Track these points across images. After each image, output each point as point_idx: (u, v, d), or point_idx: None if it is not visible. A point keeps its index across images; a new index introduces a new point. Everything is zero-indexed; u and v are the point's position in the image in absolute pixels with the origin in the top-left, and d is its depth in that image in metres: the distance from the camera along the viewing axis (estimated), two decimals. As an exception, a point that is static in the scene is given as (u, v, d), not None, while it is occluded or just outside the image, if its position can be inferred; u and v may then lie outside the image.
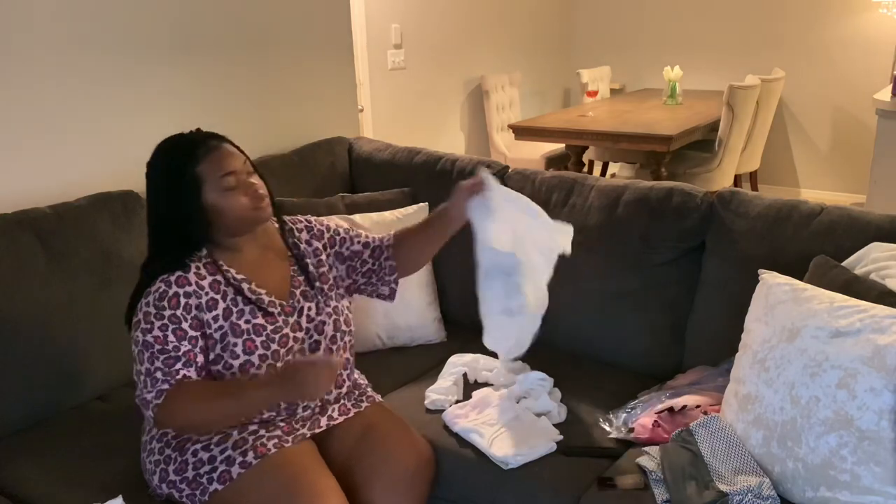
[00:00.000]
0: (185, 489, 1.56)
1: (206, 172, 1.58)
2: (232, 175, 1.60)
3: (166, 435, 1.62)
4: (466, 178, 2.43)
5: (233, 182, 1.59)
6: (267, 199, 1.65)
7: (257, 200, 1.62)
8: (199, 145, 1.60)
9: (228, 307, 1.61)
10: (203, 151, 1.59)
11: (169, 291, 1.56)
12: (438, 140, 4.97)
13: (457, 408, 1.90)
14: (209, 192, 1.59)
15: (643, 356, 2.12)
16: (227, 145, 1.64)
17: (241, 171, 1.62)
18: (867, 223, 1.84)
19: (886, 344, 1.40)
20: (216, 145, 1.61)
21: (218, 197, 1.59)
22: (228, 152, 1.62)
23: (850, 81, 5.19)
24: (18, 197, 2.06)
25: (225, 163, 1.60)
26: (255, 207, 1.62)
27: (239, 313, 1.61)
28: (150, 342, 1.54)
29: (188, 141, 1.62)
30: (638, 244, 2.11)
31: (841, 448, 1.41)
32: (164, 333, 1.54)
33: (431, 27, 4.79)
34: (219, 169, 1.59)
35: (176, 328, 1.55)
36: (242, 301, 1.63)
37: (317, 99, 2.90)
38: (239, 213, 1.61)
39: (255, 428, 1.61)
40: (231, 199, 1.59)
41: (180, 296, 1.57)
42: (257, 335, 1.61)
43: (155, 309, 1.56)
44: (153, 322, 1.55)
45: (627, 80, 6.08)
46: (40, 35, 2.06)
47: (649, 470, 1.62)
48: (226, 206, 1.60)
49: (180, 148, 1.61)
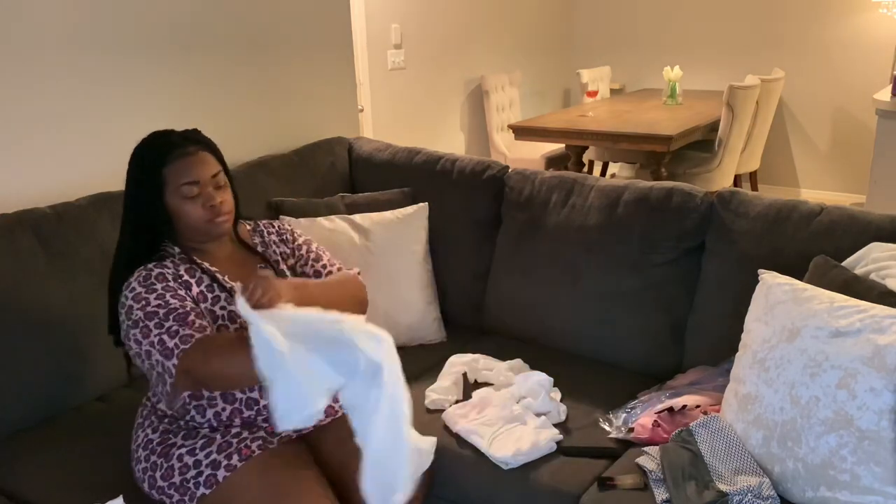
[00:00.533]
0: (175, 495, 1.56)
1: (169, 175, 1.60)
2: (194, 185, 1.60)
3: (151, 442, 1.62)
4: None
5: (193, 191, 1.60)
6: (226, 214, 1.65)
7: (214, 215, 1.62)
8: (175, 147, 1.61)
9: (203, 292, 1.62)
10: (176, 155, 1.60)
11: (153, 273, 1.58)
12: (438, 140, 4.97)
13: (457, 408, 1.90)
14: (169, 195, 1.61)
15: (643, 356, 2.12)
16: (203, 154, 1.64)
17: (207, 182, 1.62)
18: (867, 223, 1.84)
19: (886, 344, 1.40)
20: (190, 151, 1.62)
21: (177, 202, 1.61)
22: (199, 161, 1.62)
23: (850, 81, 5.19)
24: (18, 197, 2.06)
25: (190, 171, 1.60)
26: (208, 220, 1.62)
27: (214, 299, 1.63)
28: (153, 311, 1.52)
29: (166, 141, 1.63)
30: (638, 244, 2.11)
31: (841, 448, 1.41)
32: (164, 300, 1.54)
33: (431, 27, 4.79)
34: (182, 176, 1.60)
35: (173, 294, 1.56)
36: (218, 287, 1.64)
37: (317, 99, 2.90)
38: (193, 224, 1.62)
39: (239, 430, 1.62)
40: (188, 208, 1.61)
41: (165, 273, 1.59)
42: (231, 322, 1.63)
43: (144, 287, 1.56)
44: (147, 297, 1.54)
45: (627, 80, 6.08)
46: (40, 35, 2.06)
47: (649, 470, 1.62)
48: (182, 213, 1.61)
49: (156, 146, 1.63)
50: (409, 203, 2.46)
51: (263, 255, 1.79)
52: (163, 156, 1.60)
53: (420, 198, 2.48)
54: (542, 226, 2.28)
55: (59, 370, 1.93)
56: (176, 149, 1.61)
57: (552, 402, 1.89)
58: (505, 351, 2.18)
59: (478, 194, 2.42)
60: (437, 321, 2.36)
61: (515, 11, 5.54)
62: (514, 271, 2.32)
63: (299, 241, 1.87)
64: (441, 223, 2.45)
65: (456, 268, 2.44)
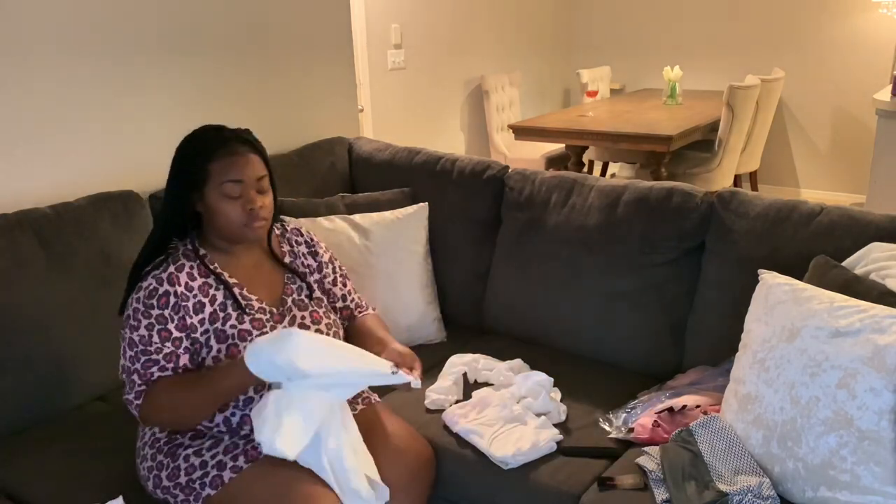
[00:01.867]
0: (179, 495, 1.56)
1: (214, 171, 1.58)
2: (237, 184, 1.59)
3: (158, 441, 1.62)
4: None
5: (234, 191, 1.59)
6: (263, 220, 1.63)
7: (251, 219, 1.61)
8: (223, 144, 1.60)
9: (215, 311, 1.61)
10: (223, 152, 1.59)
11: (159, 289, 1.57)
12: (438, 140, 4.98)
13: (457, 408, 1.90)
14: (210, 191, 1.59)
15: (643, 356, 2.12)
16: (252, 155, 1.62)
17: (251, 184, 1.61)
18: (867, 223, 1.84)
19: (886, 344, 1.40)
20: (238, 150, 1.60)
21: (216, 199, 1.59)
22: (245, 161, 1.60)
23: (850, 81, 5.19)
24: (18, 197, 2.06)
25: (235, 170, 1.59)
26: (245, 224, 1.61)
27: (225, 318, 1.61)
28: (135, 341, 1.56)
29: (217, 136, 1.62)
30: (638, 244, 2.11)
31: (841, 448, 1.41)
32: (150, 333, 1.56)
33: (431, 27, 4.79)
34: (226, 173, 1.58)
35: (161, 329, 1.56)
36: (231, 305, 1.63)
37: (317, 99, 2.90)
38: (228, 224, 1.61)
39: (247, 432, 1.62)
40: (226, 207, 1.59)
41: (170, 295, 1.57)
42: (241, 340, 1.61)
43: (144, 307, 1.56)
44: (140, 320, 1.56)
45: (627, 80, 6.08)
46: (40, 36, 2.06)
47: (649, 470, 1.62)
48: (220, 212, 1.60)
49: (206, 139, 1.61)
50: (409, 203, 2.46)
51: (291, 267, 1.77)
52: (212, 150, 1.59)
53: (420, 198, 2.48)
54: (542, 226, 2.28)
55: (60, 370, 1.93)
56: (226, 145, 1.60)
57: (552, 402, 1.89)
58: (505, 351, 2.18)
59: (478, 194, 2.42)
60: (437, 321, 2.36)
61: (515, 11, 5.54)
62: (514, 271, 2.32)
63: (325, 259, 1.85)
64: (441, 223, 2.45)
65: (456, 268, 2.44)
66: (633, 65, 6.01)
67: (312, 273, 1.82)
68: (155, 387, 1.55)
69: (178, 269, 1.60)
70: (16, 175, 2.07)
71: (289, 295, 1.72)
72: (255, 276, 1.70)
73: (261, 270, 1.72)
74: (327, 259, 1.86)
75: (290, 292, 1.73)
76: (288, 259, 1.79)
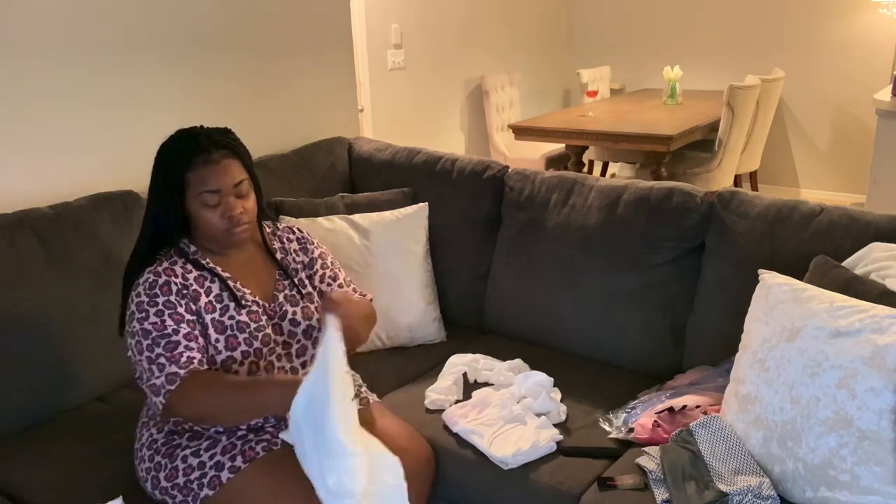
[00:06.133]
0: (178, 495, 1.56)
1: (192, 181, 1.58)
2: (214, 194, 1.59)
3: (156, 442, 1.62)
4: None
5: (212, 200, 1.59)
6: (245, 224, 1.63)
7: (232, 225, 1.61)
8: (200, 153, 1.59)
9: (211, 302, 1.62)
10: (200, 161, 1.58)
11: (159, 280, 1.58)
12: (438, 140, 4.97)
13: (457, 408, 1.90)
14: (190, 199, 1.60)
15: (643, 356, 2.12)
16: (228, 161, 1.60)
17: (228, 191, 1.60)
18: (867, 223, 1.84)
19: (886, 344, 1.40)
20: (214, 158, 1.59)
21: (197, 208, 1.60)
22: (222, 169, 1.59)
23: (850, 81, 5.19)
24: (18, 197, 2.06)
25: (212, 179, 1.58)
26: (226, 230, 1.61)
27: (223, 309, 1.62)
28: (148, 329, 1.54)
29: (193, 143, 1.60)
30: (638, 244, 2.11)
31: (841, 448, 1.41)
32: (161, 319, 1.55)
33: (431, 27, 4.79)
34: (203, 184, 1.58)
35: (172, 312, 1.56)
36: (228, 296, 1.64)
37: (317, 99, 2.90)
38: (211, 230, 1.61)
39: (245, 433, 1.62)
40: (206, 215, 1.60)
41: (171, 283, 1.58)
42: (240, 332, 1.62)
43: (147, 297, 1.56)
44: (147, 310, 1.55)
45: (627, 80, 6.08)
46: (40, 36, 2.06)
47: (649, 470, 1.62)
48: (201, 220, 1.61)
49: (181, 149, 1.60)
50: (409, 203, 2.46)
51: (282, 264, 1.78)
52: (187, 160, 1.58)
53: (420, 198, 2.48)
54: (542, 226, 2.28)
55: (59, 370, 1.93)
56: (201, 154, 1.58)
57: (552, 402, 1.89)
58: (505, 351, 2.18)
59: (478, 194, 2.42)
60: (437, 321, 2.36)
61: (515, 11, 5.54)
62: (514, 271, 2.32)
63: (315, 255, 1.85)
64: (441, 223, 2.45)
65: (456, 268, 2.44)
66: (633, 65, 6.01)
67: (304, 269, 1.82)
68: (194, 376, 1.51)
69: (171, 264, 1.61)
70: (15, 175, 2.07)
71: (280, 291, 1.73)
72: (247, 271, 1.71)
73: (253, 266, 1.73)
74: (317, 255, 1.86)
75: (282, 288, 1.74)
76: (279, 256, 1.79)
